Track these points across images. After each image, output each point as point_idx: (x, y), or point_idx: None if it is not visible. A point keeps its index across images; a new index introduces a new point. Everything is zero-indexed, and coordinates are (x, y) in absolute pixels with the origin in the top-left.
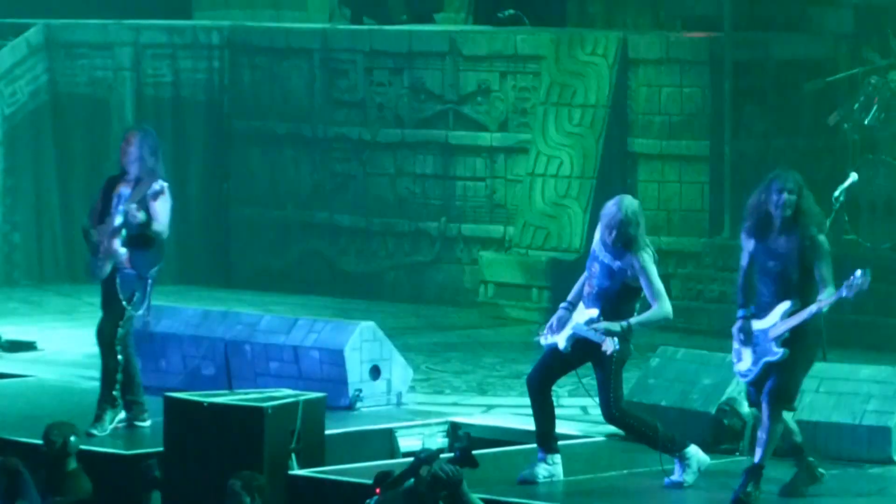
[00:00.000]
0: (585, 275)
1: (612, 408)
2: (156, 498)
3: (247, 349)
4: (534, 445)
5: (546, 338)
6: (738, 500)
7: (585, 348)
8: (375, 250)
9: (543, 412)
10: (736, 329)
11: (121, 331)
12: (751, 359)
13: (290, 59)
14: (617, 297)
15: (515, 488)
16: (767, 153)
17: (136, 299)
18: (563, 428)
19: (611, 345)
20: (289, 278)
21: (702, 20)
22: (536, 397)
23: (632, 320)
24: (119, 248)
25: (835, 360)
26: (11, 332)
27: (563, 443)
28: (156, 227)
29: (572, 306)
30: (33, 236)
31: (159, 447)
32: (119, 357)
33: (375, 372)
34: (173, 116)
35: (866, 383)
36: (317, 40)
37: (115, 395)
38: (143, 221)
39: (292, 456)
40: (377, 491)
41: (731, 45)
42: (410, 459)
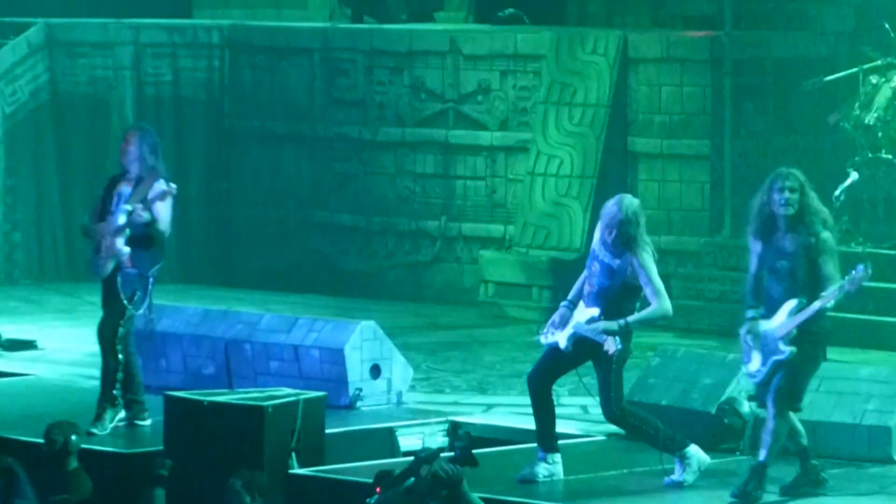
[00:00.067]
0: (585, 273)
1: (613, 406)
2: (159, 495)
3: (247, 348)
4: (534, 444)
5: (547, 337)
6: (737, 496)
7: (586, 347)
8: (376, 249)
9: (544, 411)
10: (744, 331)
11: (122, 330)
12: (760, 359)
13: (290, 58)
14: (617, 295)
15: (515, 487)
16: (768, 152)
17: (136, 298)
18: (564, 427)
19: (612, 344)
20: (289, 277)
21: (702, 19)
22: (537, 396)
23: (630, 318)
24: (122, 247)
25: (835, 360)
26: (12, 330)
27: (563, 442)
28: (159, 226)
29: (573, 305)
30: (34, 235)
31: (159, 446)
32: (120, 356)
33: (376, 371)
34: (173, 115)
35: (866, 383)
36: (317, 39)
37: (115, 394)
38: (147, 221)
39: (292, 455)
40: (377, 490)
41: (732, 43)
42: (411, 458)
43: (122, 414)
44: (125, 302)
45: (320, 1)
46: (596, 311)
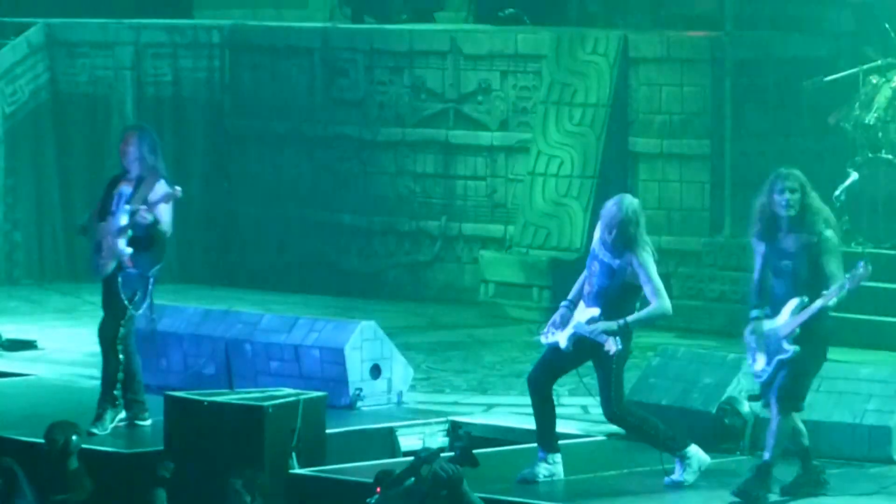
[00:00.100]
0: (585, 273)
1: (614, 406)
2: (161, 496)
3: (247, 348)
4: (534, 445)
5: (547, 336)
6: (739, 495)
7: (587, 347)
8: (376, 249)
9: (544, 411)
10: (748, 331)
11: (123, 330)
12: (764, 359)
13: (290, 58)
14: (617, 295)
15: (516, 487)
16: (768, 152)
17: (137, 298)
18: (564, 427)
19: (613, 344)
20: (289, 277)
21: (702, 19)
22: (537, 396)
23: (629, 318)
24: (124, 247)
25: (835, 360)
26: (12, 330)
27: (563, 442)
28: (162, 227)
29: (573, 305)
30: (34, 235)
31: (160, 446)
32: (120, 356)
33: (376, 371)
34: (174, 115)
35: (866, 382)
36: (317, 39)
37: (116, 394)
38: (151, 223)
39: (293, 455)
40: (378, 490)
41: (732, 44)
42: (411, 458)
43: (123, 414)
44: (126, 302)
45: (320, 1)
46: (596, 311)
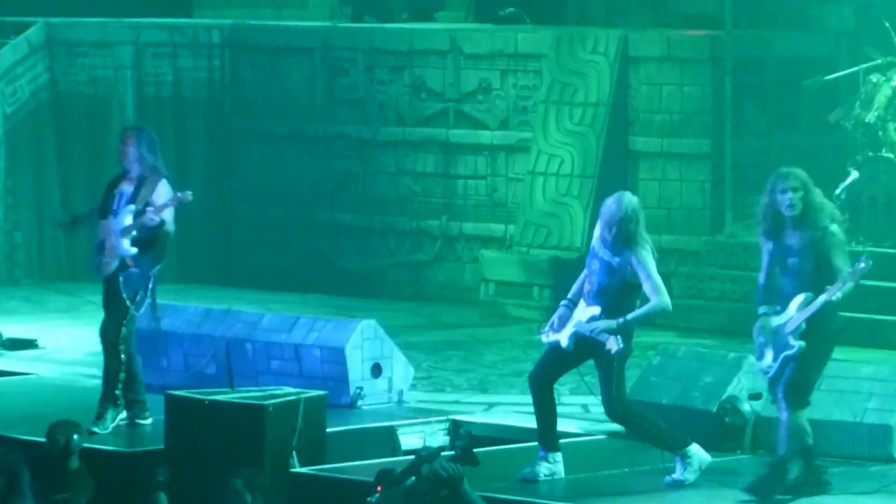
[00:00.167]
0: (585, 272)
1: (615, 405)
2: (162, 499)
3: (248, 347)
4: (535, 443)
5: (548, 335)
6: (753, 489)
7: (587, 346)
8: (376, 249)
9: (545, 410)
10: (756, 327)
11: (124, 330)
12: (772, 355)
13: (290, 57)
14: (617, 293)
15: (516, 486)
16: (768, 151)
17: (138, 298)
18: (565, 426)
19: (614, 343)
20: (290, 277)
21: (702, 18)
22: (538, 395)
23: (629, 316)
24: (129, 248)
25: (836, 359)
26: (13, 330)
27: (564, 441)
28: (167, 227)
29: (573, 304)
30: (34, 235)
31: (161, 445)
32: (122, 356)
33: (376, 370)
34: (174, 115)
35: (867, 381)
36: (317, 39)
37: (117, 393)
38: (157, 224)
39: (293, 454)
40: (378, 489)
41: (732, 42)
42: (412, 457)
43: (124, 414)
44: (127, 302)
45: (321, 0)
46: (597, 309)
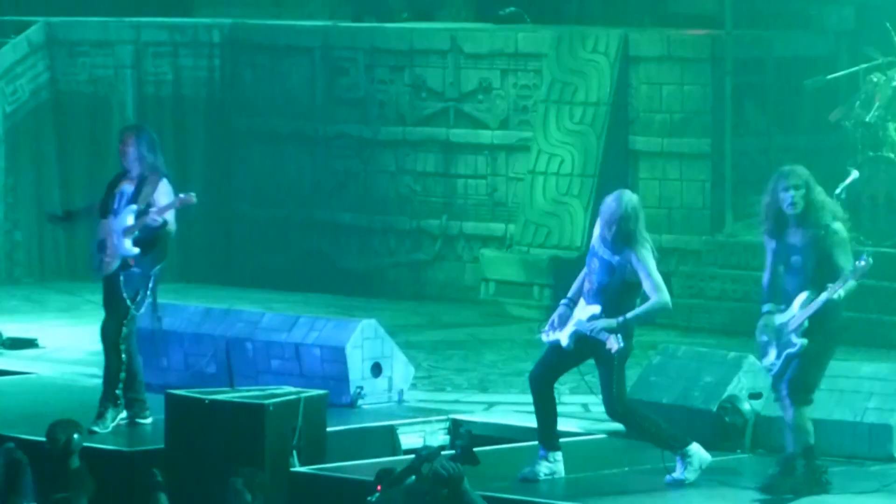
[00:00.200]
0: (585, 271)
1: (616, 404)
2: (163, 499)
3: (248, 347)
4: (535, 443)
5: (548, 335)
6: (766, 488)
7: (588, 345)
8: (377, 248)
9: (546, 409)
10: (760, 325)
11: (125, 330)
12: (775, 353)
13: (291, 56)
14: (617, 292)
15: (517, 486)
16: (768, 150)
17: (139, 298)
18: (565, 425)
19: (615, 342)
20: (290, 276)
21: (703, 18)
22: (539, 394)
23: (629, 315)
24: (132, 248)
25: (836, 358)
26: (13, 329)
27: (564, 440)
28: (170, 227)
29: (573, 303)
30: (35, 234)
31: (161, 444)
32: (123, 356)
33: (377, 369)
34: (174, 114)
35: (867, 381)
36: (318, 38)
37: (117, 393)
38: (160, 225)
39: (294, 453)
40: (378, 488)
41: (732, 42)
42: (412, 457)
43: (124, 414)
44: (128, 302)
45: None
46: (597, 308)
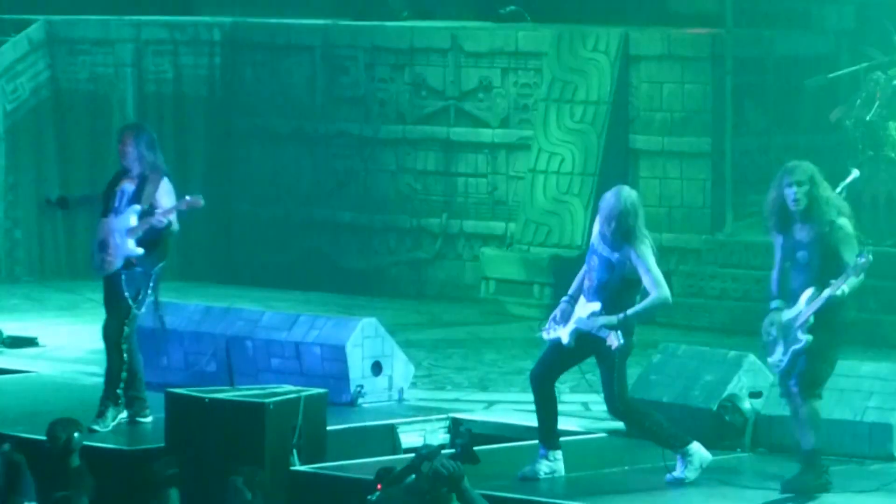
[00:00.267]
0: (585, 268)
1: (617, 401)
2: (174, 496)
3: (248, 345)
4: (535, 442)
5: (549, 333)
6: (794, 488)
7: (588, 342)
8: (377, 247)
9: (546, 408)
10: (766, 321)
11: (127, 329)
12: (781, 350)
13: (291, 55)
14: (617, 289)
15: (517, 484)
16: (769, 150)
17: (140, 297)
18: (565, 424)
19: (615, 339)
20: (290, 275)
21: (703, 16)
22: (540, 393)
23: (629, 311)
24: (135, 248)
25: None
26: (13, 328)
27: (564, 439)
28: (173, 227)
29: (573, 300)
30: (35, 233)
31: (161, 443)
32: (124, 356)
33: (377, 368)
34: (175, 113)
35: (867, 380)
36: (318, 36)
37: (118, 392)
38: (166, 225)
39: (294, 452)
40: (378, 487)
41: (733, 41)
42: (412, 455)
43: (125, 414)
44: (129, 301)
45: None
46: (597, 305)
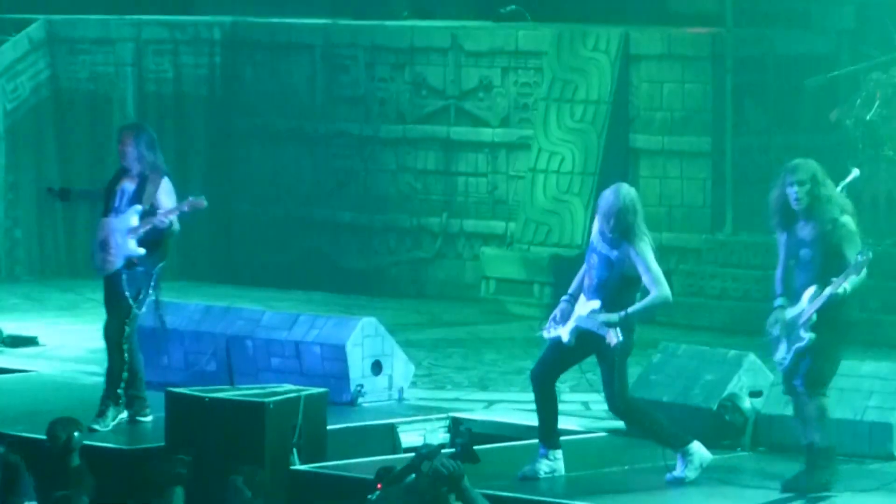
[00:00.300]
0: (585, 267)
1: (618, 400)
2: (178, 494)
3: (248, 345)
4: (535, 441)
5: (549, 332)
6: (817, 485)
7: (589, 341)
8: (377, 246)
9: (547, 407)
10: (771, 319)
11: (128, 329)
12: (785, 347)
13: (291, 54)
14: (616, 287)
15: (517, 484)
16: (769, 149)
17: (141, 296)
18: (565, 423)
19: (614, 336)
20: (290, 274)
21: (703, 16)
22: (540, 392)
23: (629, 309)
24: (137, 248)
25: None
26: (13, 327)
27: (564, 438)
28: (174, 227)
29: (573, 299)
30: (35, 232)
31: (161, 442)
32: (126, 356)
33: (377, 367)
34: (175, 112)
35: (868, 379)
36: (318, 36)
37: (119, 392)
38: (168, 225)
39: (294, 451)
40: (379, 486)
41: (733, 40)
42: (412, 455)
43: (125, 415)
44: (130, 301)
45: None
46: (597, 303)
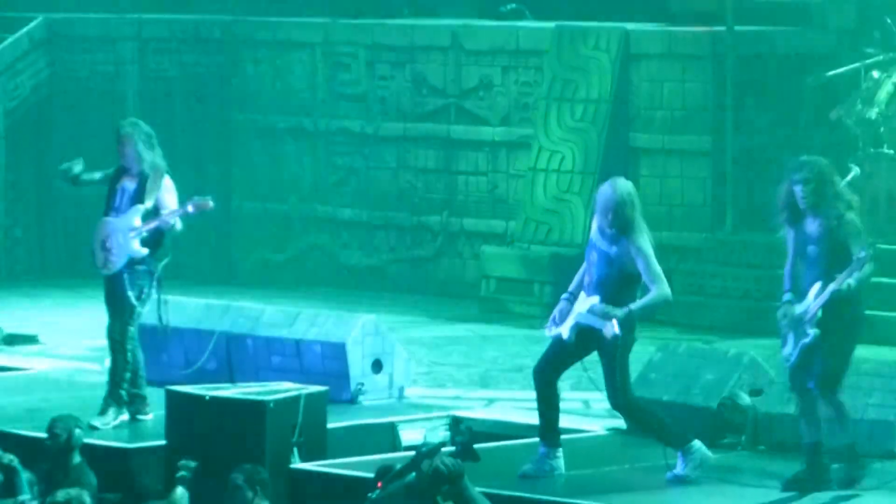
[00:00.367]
0: (585, 265)
1: (619, 396)
2: (182, 496)
3: (248, 343)
4: (535, 439)
5: (550, 329)
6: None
7: (590, 337)
8: (377, 244)
9: (548, 405)
10: (780, 313)
11: (131, 329)
12: (792, 343)
13: (292, 52)
14: (616, 284)
15: (517, 482)
16: (769, 148)
17: (143, 296)
18: (566, 422)
19: (611, 328)
20: (291, 272)
21: (704, 15)
22: (542, 389)
23: (632, 306)
24: (139, 248)
25: None
26: (13, 325)
27: (565, 437)
28: (177, 226)
29: (574, 297)
30: (35, 231)
31: (161, 440)
32: (129, 356)
33: (377, 366)
34: (176, 110)
35: (868, 377)
36: (319, 34)
37: (121, 393)
38: (172, 226)
39: (294, 450)
40: (379, 485)
41: (734, 39)
42: (412, 453)
43: (126, 416)
44: (132, 300)
45: None
46: (596, 299)
